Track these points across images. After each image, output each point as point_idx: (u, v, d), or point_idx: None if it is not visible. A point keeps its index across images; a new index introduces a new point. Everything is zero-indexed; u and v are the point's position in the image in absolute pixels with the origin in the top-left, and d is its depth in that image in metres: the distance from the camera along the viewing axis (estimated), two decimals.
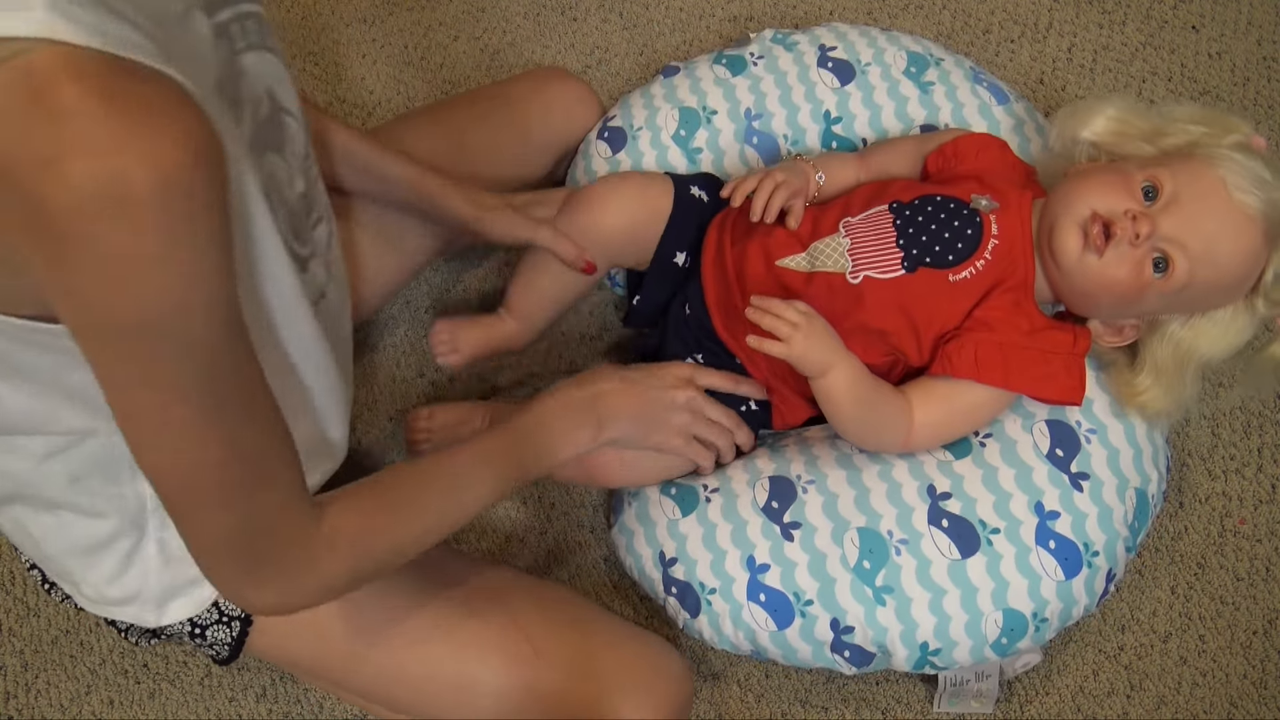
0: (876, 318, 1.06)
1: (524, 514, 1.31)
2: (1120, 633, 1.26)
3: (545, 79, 1.32)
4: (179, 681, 1.25)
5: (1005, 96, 1.28)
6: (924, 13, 1.53)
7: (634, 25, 1.53)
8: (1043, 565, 1.06)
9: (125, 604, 0.98)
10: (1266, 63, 1.50)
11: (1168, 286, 1.00)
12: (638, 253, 1.19)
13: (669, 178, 1.20)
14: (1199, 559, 1.28)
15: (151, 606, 0.98)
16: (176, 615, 0.99)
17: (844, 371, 1.03)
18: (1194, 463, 1.31)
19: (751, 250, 1.11)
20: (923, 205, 1.08)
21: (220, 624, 1.01)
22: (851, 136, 1.27)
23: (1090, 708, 1.23)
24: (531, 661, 1.03)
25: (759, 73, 1.30)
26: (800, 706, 1.23)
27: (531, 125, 1.28)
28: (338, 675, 1.06)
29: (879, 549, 1.07)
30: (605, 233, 1.16)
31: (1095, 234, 1.00)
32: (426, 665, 1.03)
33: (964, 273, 1.05)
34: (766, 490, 1.12)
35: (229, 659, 1.04)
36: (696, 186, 1.19)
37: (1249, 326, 1.05)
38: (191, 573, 0.95)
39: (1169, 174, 1.01)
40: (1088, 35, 1.52)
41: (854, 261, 1.07)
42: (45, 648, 1.26)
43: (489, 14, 1.53)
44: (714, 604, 1.11)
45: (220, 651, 1.03)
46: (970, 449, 1.10)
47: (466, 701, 1.03)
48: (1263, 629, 1.26)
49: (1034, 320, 1.05)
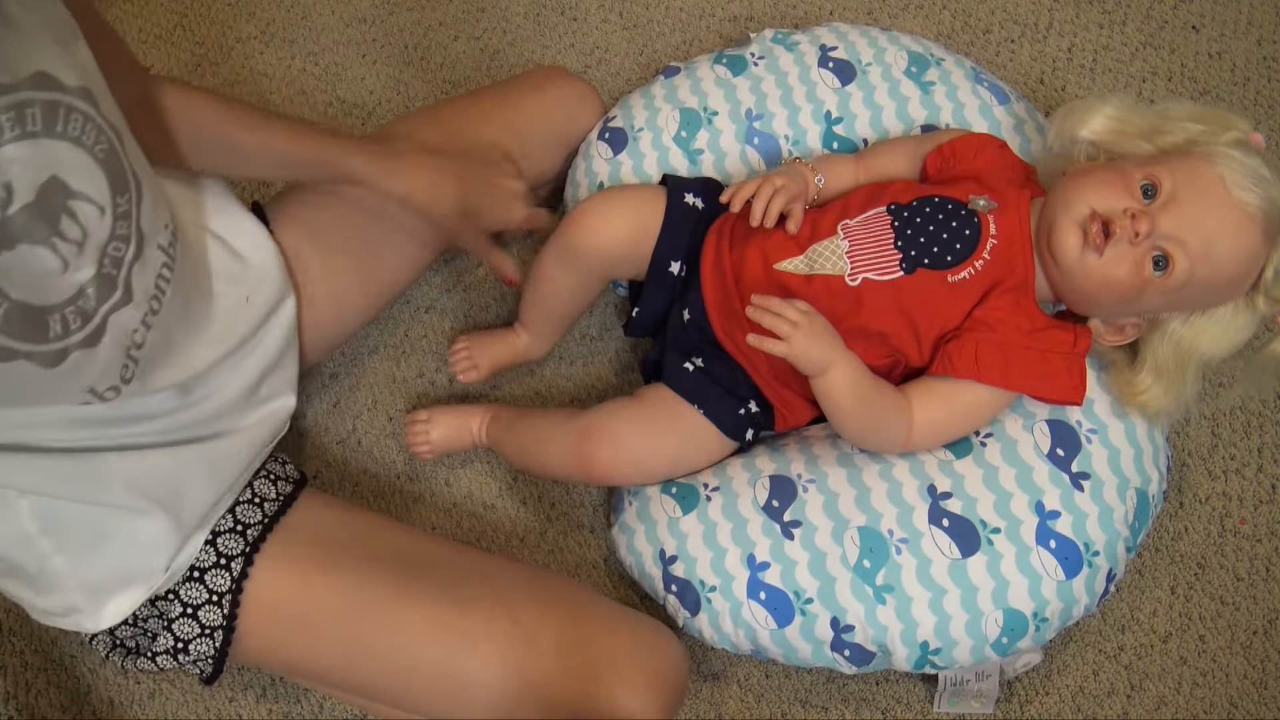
0: (876, 320, 1.06)
1: (524, 514, 1.31)
2: (1120, 633, 1.26)
3: (546, 78, 1.32)
4: (179, 681, 1.25)
5: (1006, 96, 1.28)
6: (924, 13, 1.53)
7: (634, 25, 1.53)
8: (1043, 565, 1.06)
9: (64, 615, 0.98)
10: (1266, 63, 1.50)
11: (1168, 284, 1.00)
12: (635, 265, 1.20)
13: (662, 188, 1.20)
14: (1199, 559, 1.28)
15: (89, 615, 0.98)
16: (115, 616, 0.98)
17: (844, 370, 1.03)
18: (1194, 463, 1.31)
19: (750, 254, 1.11)
20: (920, 206, 1.08)
21: (201, 638, 1.02)
22: (853, 137, 1.27)
23: (1090, 708, 1.23)
24: (523, 645, 1.02)
25: (760, 73, 1.30)
26: (800, 706, 1.23)
27: (533, 125, 1.28)
28: (328, 674, 1.06)
29: (879, 548, 1.07)
30: (599, 250, 1.18)
31: (1095, 233, 1.00)
32: (411, 655, 1.02)
33: (963, 273, 1.05)
34: (767, 489, 1.12)
35: (214, 675, 1.04)
36: (691, 194, 1.18)
37: (1249, 324, 1.05)
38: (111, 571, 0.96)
39: (1168, 172, 1.01)
40: (1088, 35, 1.52)
41: (852, 264, 1.07)
42: (45, 648, 1.26)
43: (489, 14, 1.53)
44: (714, 602, 1.11)
45: (204, 668, 1.03)
46: (971, 448, 1.10)
47: (456, 691, 1.03)
48: (1263, 629, 1.26)
49: (1034, 320, 1.05)
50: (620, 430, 1.13)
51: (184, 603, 1.01)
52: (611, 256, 1.18)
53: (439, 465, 1.32)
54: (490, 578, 1.07)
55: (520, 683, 1.02)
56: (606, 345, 1.37)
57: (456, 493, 1.32)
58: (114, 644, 1.03)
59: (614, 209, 1.18)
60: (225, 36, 1.52)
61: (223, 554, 1.02)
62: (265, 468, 1.10)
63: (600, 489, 1.31)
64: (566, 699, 1.02)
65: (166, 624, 1.01)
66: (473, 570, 1.08)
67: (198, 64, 1.50)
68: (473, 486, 1.32)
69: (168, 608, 1.01)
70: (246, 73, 1.50)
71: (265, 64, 1.51)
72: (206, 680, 1.05)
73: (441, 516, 1.31)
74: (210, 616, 1.01)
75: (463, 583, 1.06)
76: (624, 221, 1.17)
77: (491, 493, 1.32)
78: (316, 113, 1.48)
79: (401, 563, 1.06)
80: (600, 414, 1.15)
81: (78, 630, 0.99)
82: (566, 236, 1.18)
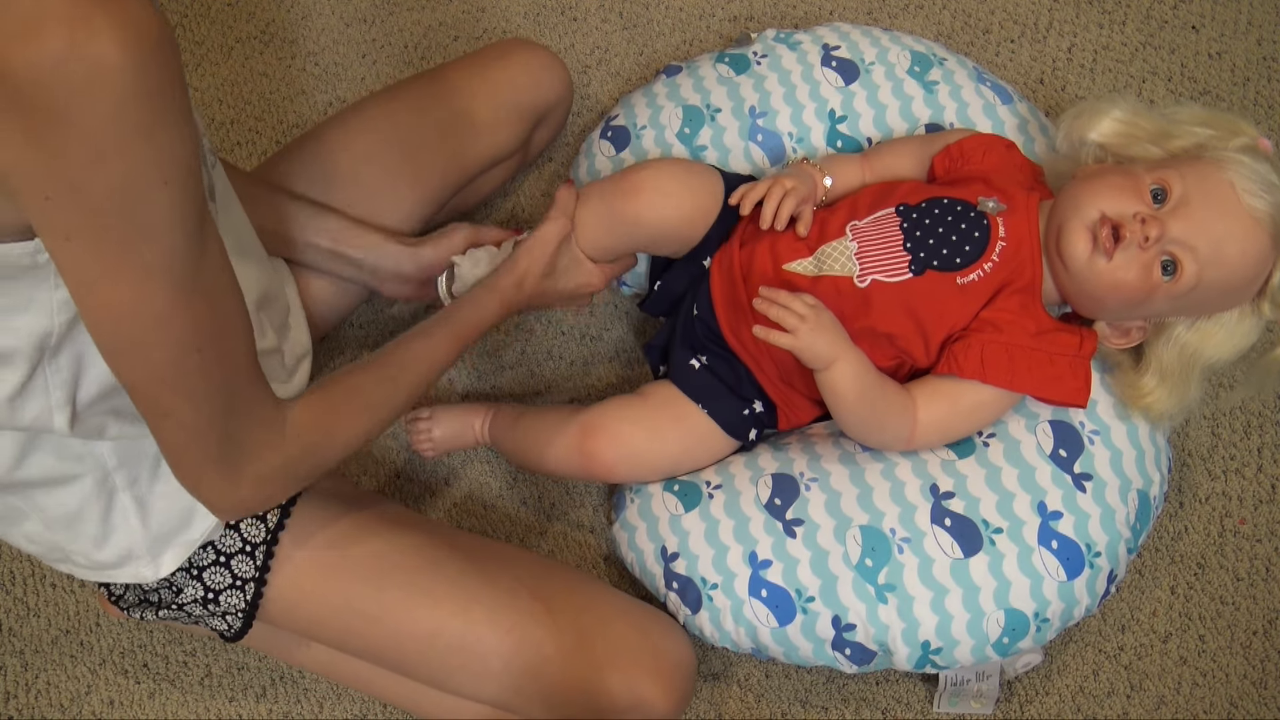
0: (884, 321, 1.06)
1: (524, 514, 1.31)
2: (1120, 633, 1.26)
3: (511, 48, 1.30)
4: (179, 681, 1.25)
5: (1009, 96, 1.28)
6: (924, 13, 1.53)
7: (634, 25, 1.53)
8: (1045, 565, 1.06)
9: (120, 566, 0.99)
10: (1266, 63, 1.50)
11: (1176, 289, 1.00)
12: (675, 246, 1.17)
13: (716, 171, 1.17)
14: (1199, 559, 1.28)
15: (147, 561, 0.99)
16: (173, 564, 0.99)
17: (849, 365, 1.03)
18: (1194, 463, 1.31)
19: (759, 254, 1.11)
20: (929, 208, 1.08)
21: (234, 589, 1.02)
22: (856, 135, 1.27)
23: (1090, 708, 1.23)
24: (545, 621, 1.04)
25: (763, 71, 1.30)
26: (800, 706, 1.23)
27: (499, 94, 1.26)
28: (346, 636, 1.07)
29: (881, 547, 1.07)
30: (650, 225, 1.13)
31: (1104, 236, 0.99)
32: (435, 621, 1.04)
33: (972, 275, 1.05)
34: (769, 487, 1.12)
35: (242, 630, 1.05)
36: None
37: (1255, 329, 1.05)
38: (174, 521, 0.97)
39: (1178, 176, 1.01)
40: (1088, 35, 1.52)
41: (861, 265, 1.06)
42: (45, 648, 1.25)
43: (489, 14, 1.53)
44: (715, 599, 1.11)
45: (233, 622, 1.04)
46: (974, 449, 1.10)
47: (475, 662, 1.04)
48: (1263, 629, 1.26)
49: (1041, 322, 1.05)
50: (622, 428, 1.13)
51: (218, 550, 1.02)
52: (659, 234, 1.15)
53: (439, 465, 1.32)
54: (509, 562, 1.10)
55: (536, 658, 1.03)
56: (606, 345, 1.37)
57: (457, 492, 1.32)
58: (140, 598, 1.04)
59: (674, 188, 1.13)
60: (225, 36, 1.52)
61: None
62: None
63: (601, 488, 1.31)
64: (575, 682, 1.03)
65: (197, 573, 1.02)
66: (492, 552, 1.11)
67: (198, 64, 1.50)
68: (473, 486, 1.32)
69: (200, 556, 1.02)
70: (246, 73, 1.50)
71: (265, 64, 1.50)
72: (233, 637, 1.06)
73: (442, 516, 1.31)
74: (243, 567, 1.02)
75: (484, 561, 1.08)
76: (681, 203, 1.13)
77: (492, 492, 1.32)
78: (317, 112, 1.48)
79: (426, 535, 1.08)
80: (602, 411, 1.14)
81: (136, 580, 1.00)
82: (619, 204, 1.13)
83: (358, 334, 1.37)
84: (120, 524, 0.96)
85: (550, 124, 1.34)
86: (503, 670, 1.04)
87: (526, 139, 1.31)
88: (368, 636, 1.06)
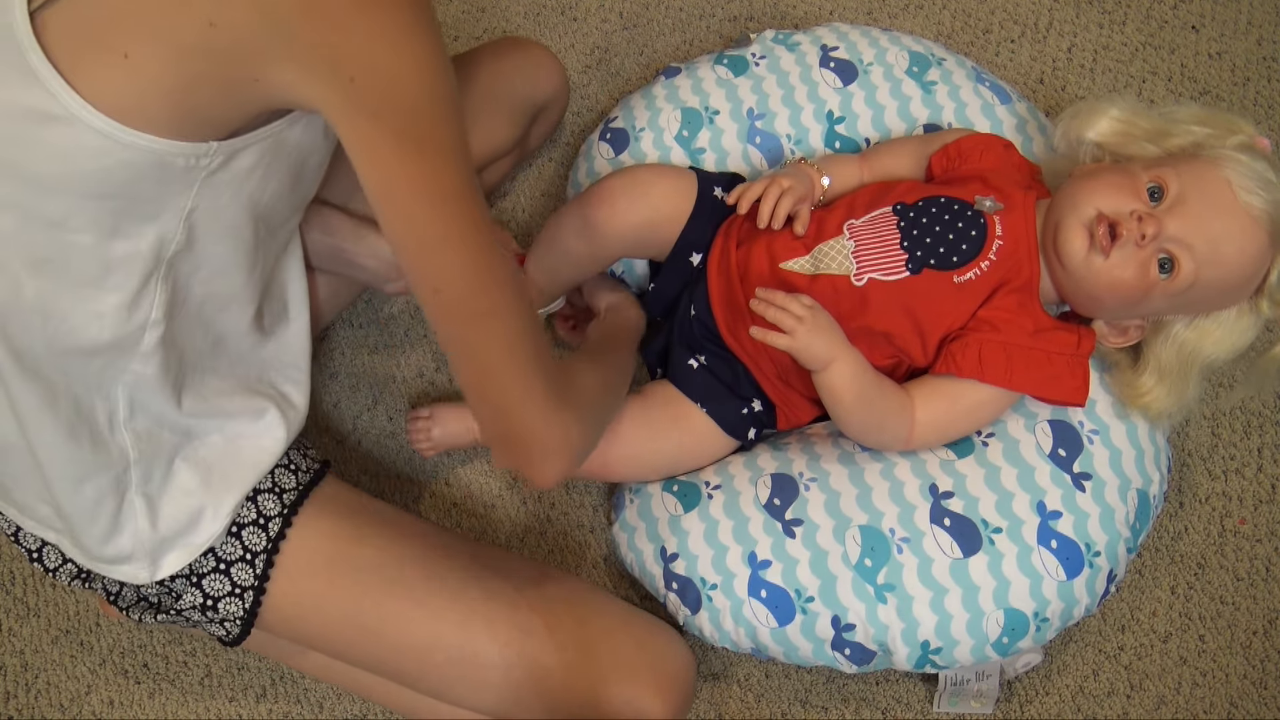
0: (881, 320, 1.06)
1: (524, 514, 1.31)
2: (1120, 633, 1.26)
3: (506, 46, 1.30)
4: (179, 681, 1.25)
5: (1008, 96, 1.28)
6: (924, 13, 1.53)
7: (634, 25, 1.53)
8: (1044, 565, 1.06)
9: (119, 563, 0.99)
10: (1266, 63, 1.50)
11: (1173, 287, 1.00)
12: (654, 249, 1.19)
13: (691, 173, 1.19)
14: (1199, 559, 1.28)
15: (145, 564, 0.99)
16: (175, 566, 0.99)
17: (847, 365, 1.03)
18: (1194, 463, 1.31)
19: (756, 253, 1.11)
20: (927, 207, 1.08)
21: (232, 596, 1.02)
22: (855, 136, 1.27)
23: (1090, 708, 1.23)
24: (541, 635, 1.04)
25: (761, 73, 1.30)
26: (800, 706, 1.23)
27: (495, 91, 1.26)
28: (345, 646, 1.07)
29: (881, 547, 1.07)
30: (622, 231, 1.15)
31: (1101, 235, 1.00)
32: (434, 634, 1.04)
33: (969, 274, 1.05)
34: (769, 487, 1.12)
35: (240, 637, 1.05)
36: (720, 188, 1.17)
37: (1253, 328, 1.05)
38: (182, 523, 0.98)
39: (1174, 174, 1.01)
40: (1088, 35, 1.52)
41: (858, 264, 1.07)
42: (45, 648, 1.25)
43: (489, 14, 1.53)
44: (715, 600, 1.11)
45: (231, 629, 1.03)
46: (973, 448, 1.10)
47: (473, 673, 1.04)
48: (1263, 629, 1.26)
49: (1039, 321, 1.05)
50: (621, 427, 1.13)
51: (218, 557, 1.01)
52: (634, 239, 1.17)
53: (439, 465, 1.32)
54: (509, 572, 1.09)
55: (533, 671, 1.03)
56: None
57: (457, 492, 1.32)
58: (138, 598, 1.04)
59: (644, 192, 1.15)
60: None
61: (262, 513, 1.03)
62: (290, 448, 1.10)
63: (600, 488, 1.31)
64: (575, 694, 1.03)
65: (196, 580, 1.01)
66: (491, 562, 1.10)
67: None
68: (473, 486, 1.32)
69: (200, 563, 1.01)
70: None
71: None
72: (231, 642, 1.05)
73: (442, 516, 1.31)
74: (242, 575, 1.02)
75: (483, 571, 1.07)
76: (651, 206, 1.15)
77: (492, 492, 1.32)
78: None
79: (426, 545, 1.08)
80: None
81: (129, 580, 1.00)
82: (591, 212, 1.15)
83: (357, 333, 1.37)
84: (128, 523, 0.96)
85: (547, 120, 1.34)
86: (502, 682, 1.04)
87: (523, 135, 1.31)
88: (366, 647, 1.06)
